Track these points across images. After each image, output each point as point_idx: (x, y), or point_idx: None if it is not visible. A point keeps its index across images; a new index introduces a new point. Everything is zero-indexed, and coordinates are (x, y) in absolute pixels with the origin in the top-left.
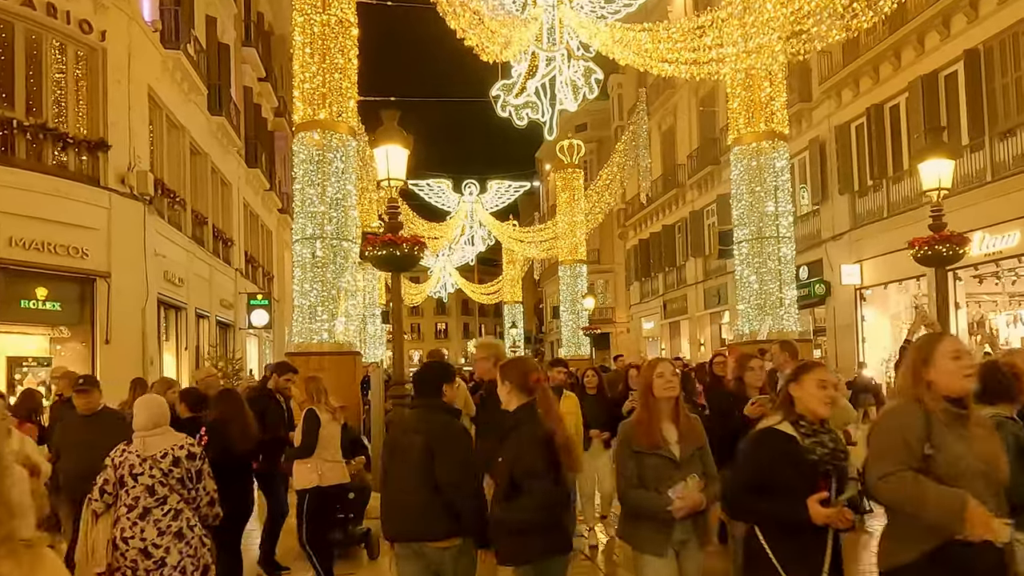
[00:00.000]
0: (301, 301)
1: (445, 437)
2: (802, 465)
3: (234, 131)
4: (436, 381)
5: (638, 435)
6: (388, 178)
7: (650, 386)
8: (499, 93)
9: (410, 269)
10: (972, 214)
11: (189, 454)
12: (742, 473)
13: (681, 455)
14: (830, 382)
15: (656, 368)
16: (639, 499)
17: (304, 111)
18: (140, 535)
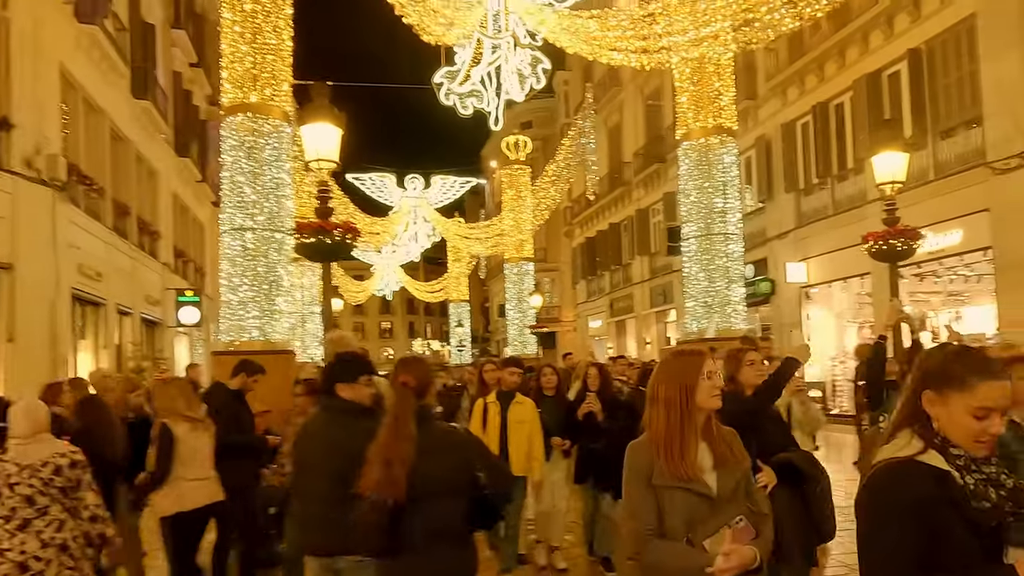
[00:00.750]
0: (229, 296)
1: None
2: (972, 519)
3: (161, 117)
4: (330, 380)
5: (660, 462)
6: (318, 159)
7: (687, 390)
8: (442, 80)
9: (342, 258)
10: (915, 212)
11: (72, 463)
12: (881, 543)
13: (720, 489)
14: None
15: (703, 366)
16: (663, 554)
17: (233, 94)
18: (20, 547)
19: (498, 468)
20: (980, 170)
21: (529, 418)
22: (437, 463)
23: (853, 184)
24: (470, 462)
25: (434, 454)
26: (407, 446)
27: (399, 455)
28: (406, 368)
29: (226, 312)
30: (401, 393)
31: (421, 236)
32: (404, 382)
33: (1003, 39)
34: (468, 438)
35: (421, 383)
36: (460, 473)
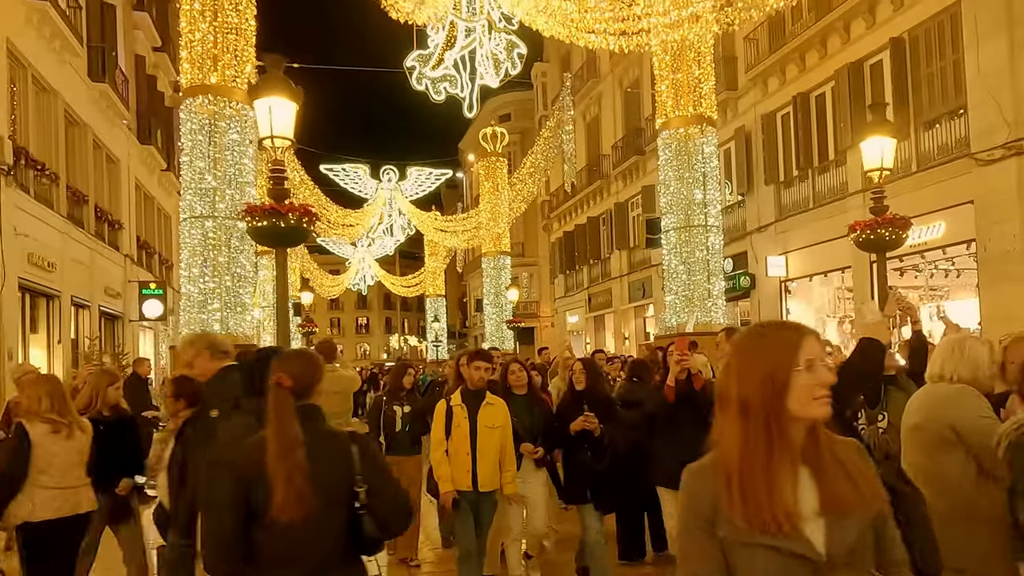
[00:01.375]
0: (189, 288)
1: None
2: None
3: (122, 102)
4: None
5: (731, 503)
6: (271, 136)
7: (775, 388)
8: (414, 64)
9: (298, 244)
10: (897, 204)
11: None
12: None
13: (830, 546)
14: None
15: (799, 348)
16: None
17: (192, 75)
18: None
19: (385, 488)
20: (964, 161)
21: (501, 422)
22: (323, 471)
23: (835, 176)
24: (351, 472)
25: (320, 461)
26: (299, 453)
27: (296, 465)
28: (284, 364)
29: (186, 305)
30: (276, 394)
31: (396, 229)
32: (279, 381)
33: (988, 27)
34: (358, 445)
35: (301, 382)
36: (343, 483)
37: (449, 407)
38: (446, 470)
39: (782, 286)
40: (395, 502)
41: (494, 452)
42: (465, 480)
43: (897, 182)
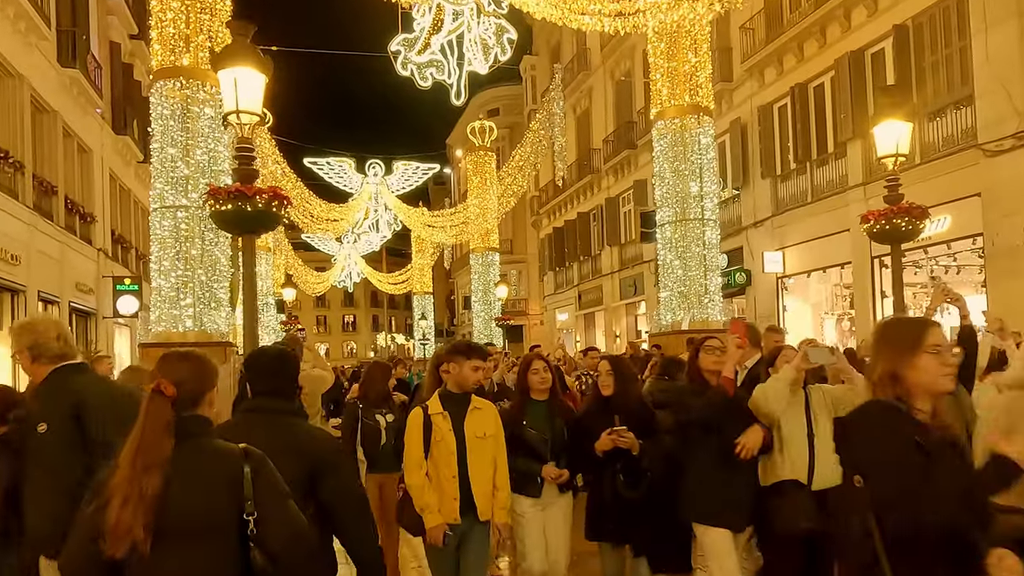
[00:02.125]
0: (160, 282)
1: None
2: None
3: (95, 90)
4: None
5: None
6: (237, 111)
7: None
8: (399, 49)
9: (267, 231)
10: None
11: None
12: None
13: None
14: None
15: (924, 336)
16: None
17: (163, 56)
18: None
19: (279, 516)
20: (971, 152)
21: (492, 429)
22: (193, 494)
23: (834, 169)
24: (239, 497)
25: (192, 482)
26: (152, 477)
27: (141, 490)
28: (167, 367)
29: (157, 300)
30: (150, 403)
31: (383, 224)
32: (159, 388)
33: (996, 11)
34: (251, 465)
35: (187, 389)
36: (222, 510)
37: (427, 417)
38: (431, 498)
39: (779, 282)
40: (290, 532)
41: (487, 469)
42: (452, 510)
43: (900, 174)
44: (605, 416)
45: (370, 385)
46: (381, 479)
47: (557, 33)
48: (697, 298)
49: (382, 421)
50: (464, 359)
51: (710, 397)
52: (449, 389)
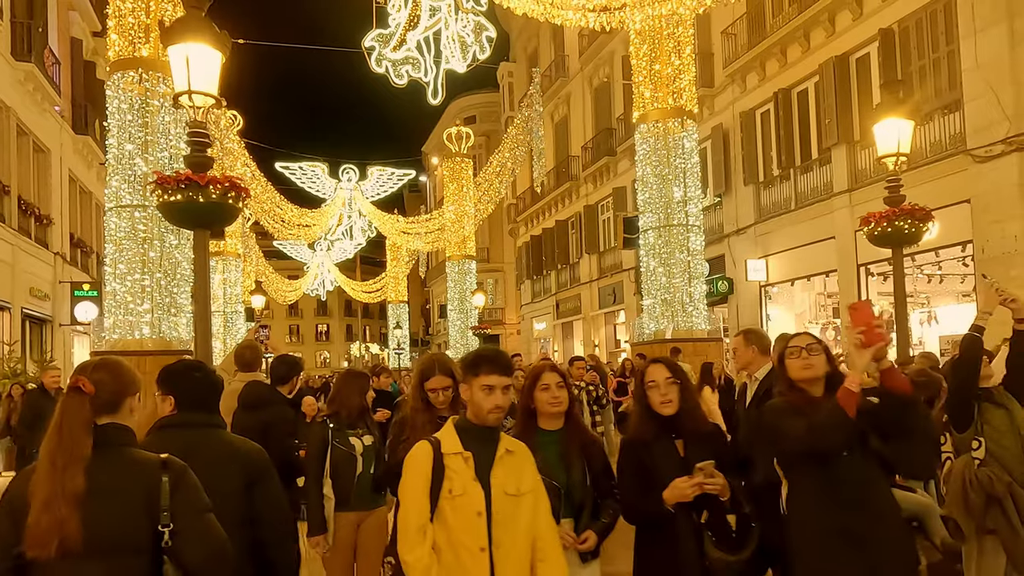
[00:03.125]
0: (115, 286)
1: None
2: None
3: (53, 86)
4: None
5: None
6: (189, 91)
7: None
8: (374, 44)
9: (223, 226)
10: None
11: None
12: None
13: None
14: None
15: None
16: None
17: (121, 47)
18: None
19: (198, 531)
20: (960, 158)
21: (531, 484)
22: (108, 504)
23: (818, 176)
24: (156, 508)
25: (108, 492)
26: (73, 475)
27: (63, 489)
28: (88, 370)
29: (112, 305)
30: (68, 401)
31: (356, 231)
32: (78, 384)
33: (985, 15)
34: (170, 475)
35: (106, 391)
36: (138, 522)
37: (438, 457)
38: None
39: (762, 291)
40: (205, 548)
41: (525, 541)
42: None
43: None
44: (666, 446)
45: (342, 400)
46: (357, 518)
47: (535, 39)
48: (681, 306)
49: (358, 445)
50: (471, 376)
51: (820, 419)
52: (471, 419)
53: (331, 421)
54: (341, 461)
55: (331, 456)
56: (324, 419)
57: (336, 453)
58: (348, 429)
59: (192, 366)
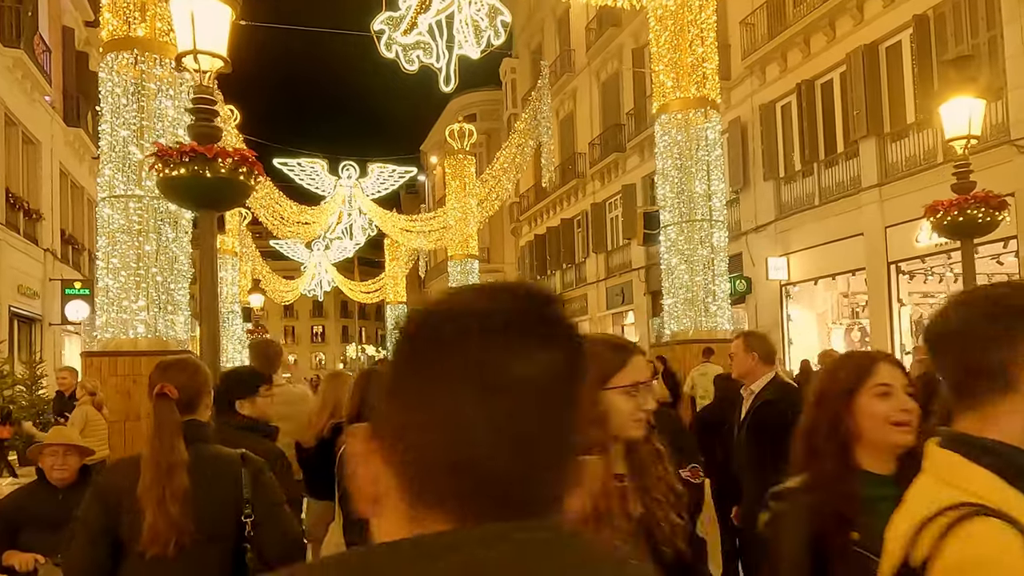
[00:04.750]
0: (107, 282)
1: None
2: None
3: (43, 75)
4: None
5: None
6: (195, 51)
7: None
8: (383, 28)
9: (231, 207)
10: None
11: None
12: None
13: None
14: None
15: None
16: None
17: (115, 26)
18: None
19: (276, 523)
20: (1003, 149)
21: None
22: (206, 498)
23: (844, 170)
24: (239, 501)
25: (202, 487)
26: (179, 476)
27: (172, 490)
28: (167, 374)
29: (104, 302)
30: (159, 407)
31: (356, 230)
32: (163, 391)
33: None
34: (250, 470)
35: (187, 393)
36: (227, 513)
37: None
38: None
39: (783, 290)
40: (284, 540)
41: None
42: None
43: (920, 175)
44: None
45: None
46: None
47: (539, 35)
48: (704, 305)
49: None
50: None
51: None
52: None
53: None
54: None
55: (340, 483)
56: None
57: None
58: None
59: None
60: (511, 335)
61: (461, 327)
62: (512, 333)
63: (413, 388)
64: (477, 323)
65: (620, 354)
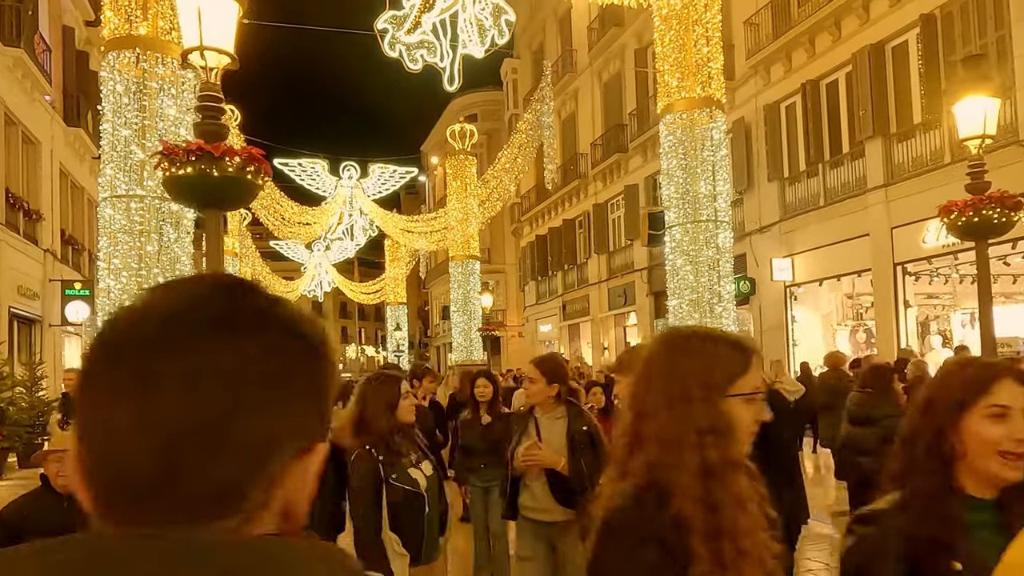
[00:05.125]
0: (109, 283)
1: None
2: None
3: (44, 75)
4: None
5: None
6: (201, 47)
7: None
8: (387, 27)
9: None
10: (928, 200)
11: None
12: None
13: None
14: None
15: None
16: None
17: (117, 24)
18: None
19: None
20: (1011, 150)
21: None
22: None
23: (850, 170)
24: None
25: None
26: None
27: None
28: None
29: (106, 304)
30: None
31: (357, 230)
32: None
33: None
34: None
35: None
36: None
37: None
38: None
39: (787, 291)
40: None
41: None
42: None
43: (927, 175)
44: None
45: (374, 417)
46: (429, 570)
47: (540, 35)
48: (709, 306)
49: (419, 478)
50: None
51: None
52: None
53: (376, 450)
54: (407, 503)
55: (388, 498)
56: (368, 449)
57: (393, 494)
58: (401, 457)
59: None
60: (175, 330)
61: (122, 328)
62: (178, 328)
63: (86, 394)
64: (139, 323)
65: (742, 354)
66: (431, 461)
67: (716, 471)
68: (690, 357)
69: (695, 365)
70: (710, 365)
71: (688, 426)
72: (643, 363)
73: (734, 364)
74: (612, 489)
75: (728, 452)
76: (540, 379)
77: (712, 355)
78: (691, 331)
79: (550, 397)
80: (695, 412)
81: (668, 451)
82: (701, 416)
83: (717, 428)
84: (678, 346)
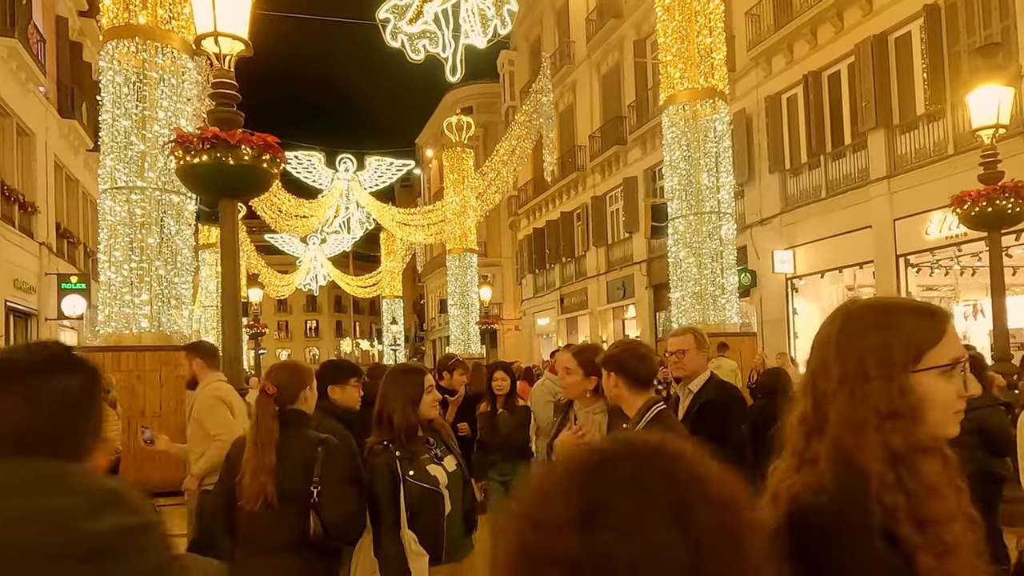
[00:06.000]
0: (110, 275)
1: None
2: None
3: (38, 66)
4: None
5: None
6: (215, 33)
7: None
8: (389, 16)
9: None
10: (932, 192)
11: None
12: None
13: None
14: None
15: None
16: None
17: (116, 13)
18: None
19: (335, 496)
20: (1017, 140)
21: None
22: (289, 471)
23: (852, 162)
24: (309, 474)
25: (288, 461)
26: (269, 453)
27: (262, 463)
28: (272, 374)
29: (106, 296)
30: (261, 400)
31: (354, 223)
32: (265, 388)
33: None
34: (324, 449)
35: (287, 390)
36: (303, 483)
37: None
38: None
39: (788, 283)
40: (340, 509)
41: None
42: None
43: (930, 167)
44: None
45: (394, 411)
46: (453, 570)
47: (537, 27)
48: (712, 298)
49: (440, 475)
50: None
51: None
52: None
53: (392, 444)
54: (426, 500)
55: (407, 495)
56: (383, 443)
57: (413, 491)
58: (418, 451)
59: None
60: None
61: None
62: None
63: None
64: None
65: (933, 321)
66: (456, 456)
67: (903, 457)
68: (865, 332)
69: (871, 341)
70: (888, 340)
71: (868, 409)
72: (817, 343)
73: (922, 335)
74: (792, 481)
75: (913, 436)
76: (577, 370)
77: (890, 327)
78: (868, 303)
79: (587, 390)
80: (874, 393)
81: (854, 435)
82: (880, 397)
83: (899, 411)
84: (852, 321)
